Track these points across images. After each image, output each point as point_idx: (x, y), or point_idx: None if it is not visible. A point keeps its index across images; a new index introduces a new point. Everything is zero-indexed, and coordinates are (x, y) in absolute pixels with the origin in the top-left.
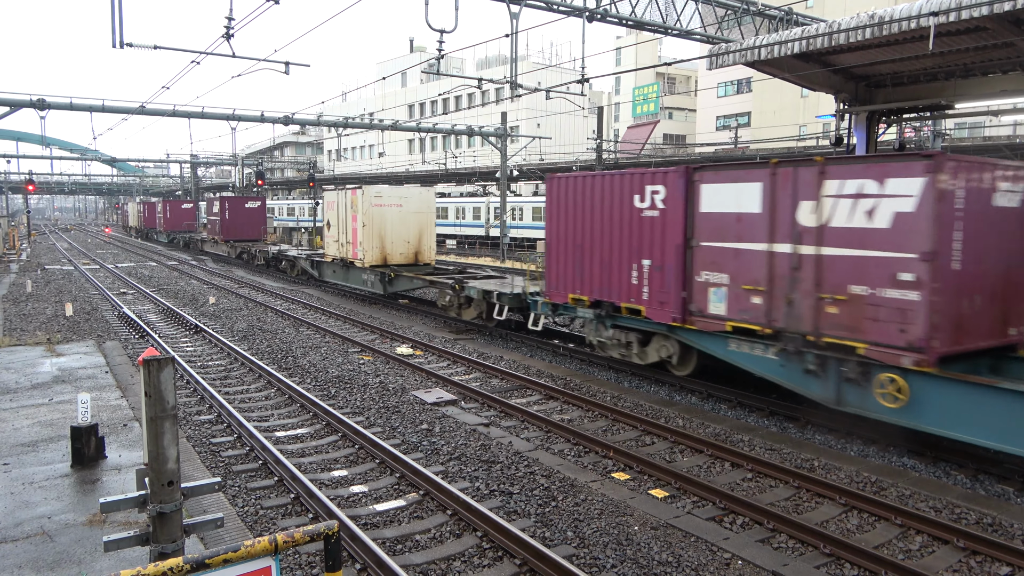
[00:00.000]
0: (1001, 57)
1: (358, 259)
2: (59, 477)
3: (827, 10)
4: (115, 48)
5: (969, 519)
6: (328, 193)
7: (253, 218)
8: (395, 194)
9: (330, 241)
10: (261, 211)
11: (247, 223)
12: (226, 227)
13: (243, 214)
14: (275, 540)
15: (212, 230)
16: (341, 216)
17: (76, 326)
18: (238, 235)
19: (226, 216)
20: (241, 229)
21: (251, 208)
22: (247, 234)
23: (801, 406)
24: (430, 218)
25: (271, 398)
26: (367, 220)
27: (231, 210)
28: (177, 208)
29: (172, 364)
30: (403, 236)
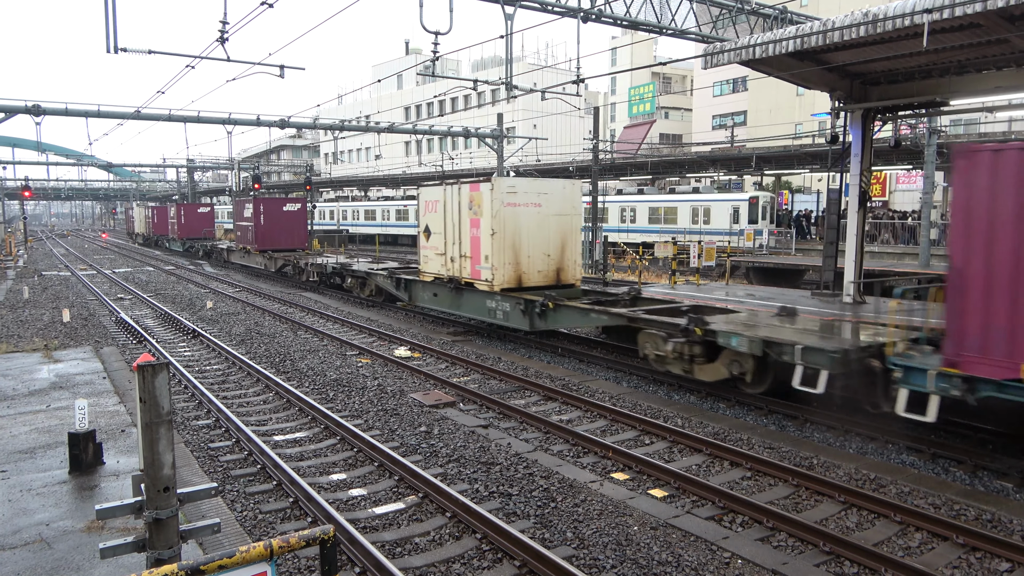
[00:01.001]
0: (995, 53)
1: (481, 280)
2: (57, 484)
3: (821, 8)
4: (109, 53)
5: (968, 515)
6: (427, 189)
7: (293, 223)
8: (531, 189)
9: (430, 254)
10: (302, 215)
11: (286, 229)
12: (261, 235)
13: (281, 219)
14: (271, 545)
15: (243, 238)
16: (450, 220)
17: (73, 332)
18: (276, 244)
19: (261, 222)
20: (279, 236)
21: (290, 212)
22: (286, 242)
23: (800, 405)
24: (576, 223)
25: (269, 402)
26: (497, 226)
27: (267, 214)
28: (193, 212)
29: (167, 369)
30: (542, 247)
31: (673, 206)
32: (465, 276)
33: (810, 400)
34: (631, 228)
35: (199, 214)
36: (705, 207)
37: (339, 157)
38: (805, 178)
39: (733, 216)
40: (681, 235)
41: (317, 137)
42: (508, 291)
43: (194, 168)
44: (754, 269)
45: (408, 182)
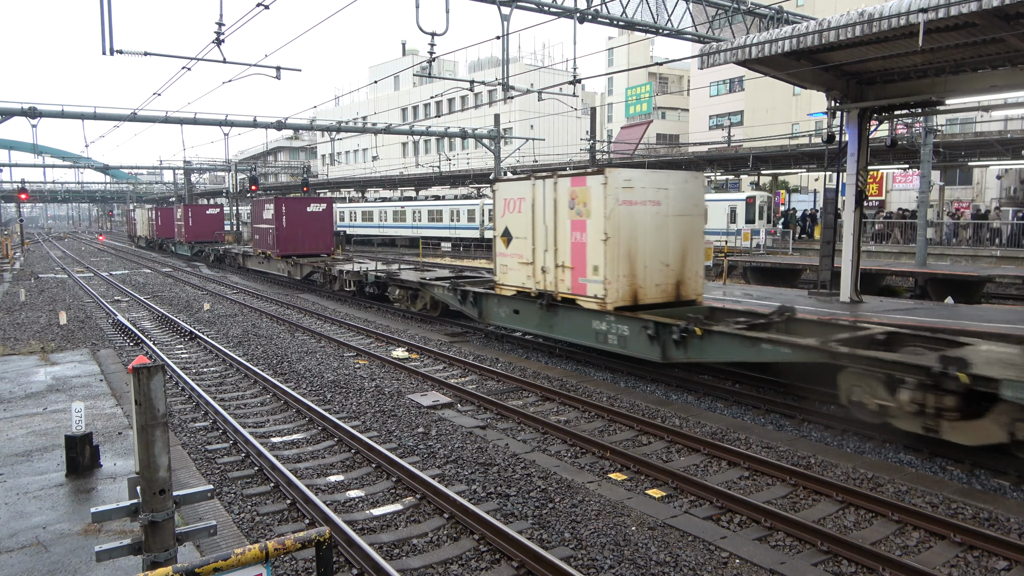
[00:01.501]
0: (991, 53)
1: (587, 296)
2: (54, 487)
3: (817, 8)
4: (105, 55)
5: (966, 514)
6: (507, 184)
7: (319, 226)
8: (649, 184)
9: (511, 263)
10: (328, 217)
11: (311, 232)
12: (284, 238)
13: (305, 221)
14: (266, 548)
15: (262, 242)
16: (541, 221)
17: (70, 334)
18: (300, 248)
19: (283, 224)
20: (303, 240)
21: (315, 213)
22: (311, 247)
23: (798, 403)
24: (699, 225)
25: (267, 404)
26: (611, 229)
27: (289, 216)
28: (202, 214)
29: (162, 371)
30: (660, 255)
31: None
32: (563, 291)
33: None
34: None
35: (208, 216)
36: None
37: (336, 158)
38: (802, 178)
39: (730, 216)
40: None
41: (314, 138)
42: (622, 310)
43: (191, 170)
44: (751, 269)
45: (405, 183)
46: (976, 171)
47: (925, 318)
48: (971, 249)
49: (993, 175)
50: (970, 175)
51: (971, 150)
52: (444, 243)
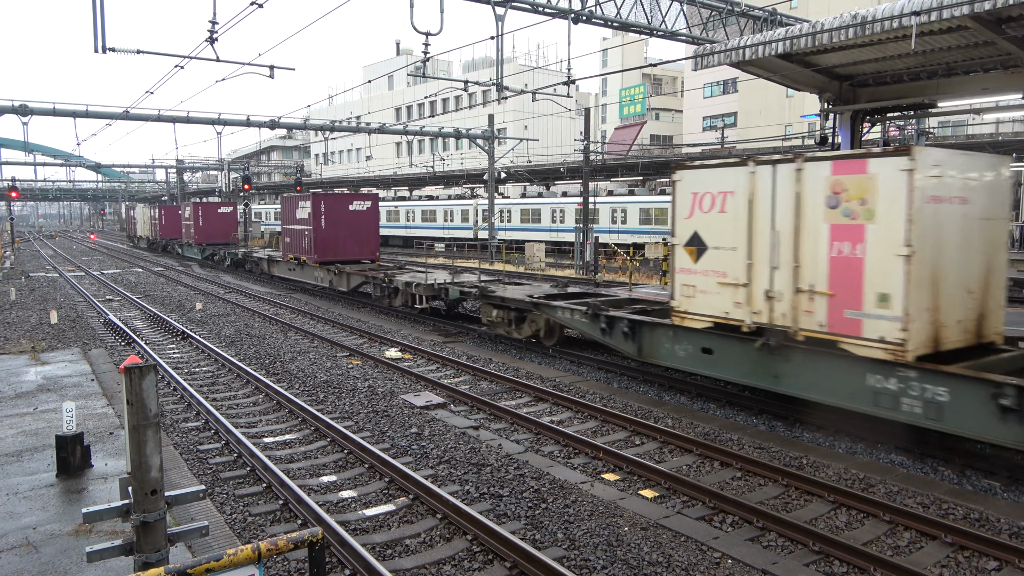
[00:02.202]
0: (983, 56)
1: (865, 339)
2: (44, 487)
3: (811, 10)
4: (98, 53)
5: (957, 515)
6: (697, 173)
7: (363, 227)
8: (956, 170)
9: (704, 283)
10: (373, 216)
11: (355, 235)
12: (323, 241)
13: (349, 220)
14: (258, 548)
15: (295, 246)
16: (765, 223)
17: (61, 334)
18: (342, 253)
19: (322, 224)
20: (346, 244)
21: (359, 212)
22: (355, 252)
23: (790, 404)
24: (1003, 233)
25: (259, 404)
26: (917, 239)
27: (330, 215)
28: (213, 213)
29: (154, 371)
30: (964, 278)
31: (664, 207)
32: (809, 327)
33: (800, 400)
34: (622, 229)
35: (221, 215)
36: None
37: (330, 158)
38: None
39: None
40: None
41: (307, 138)
42: (925, 360)
43: (183, 169)
44: None
45: (399, 183)
46: None
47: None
48: None
49: None
50: None
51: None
52: (438, 243)
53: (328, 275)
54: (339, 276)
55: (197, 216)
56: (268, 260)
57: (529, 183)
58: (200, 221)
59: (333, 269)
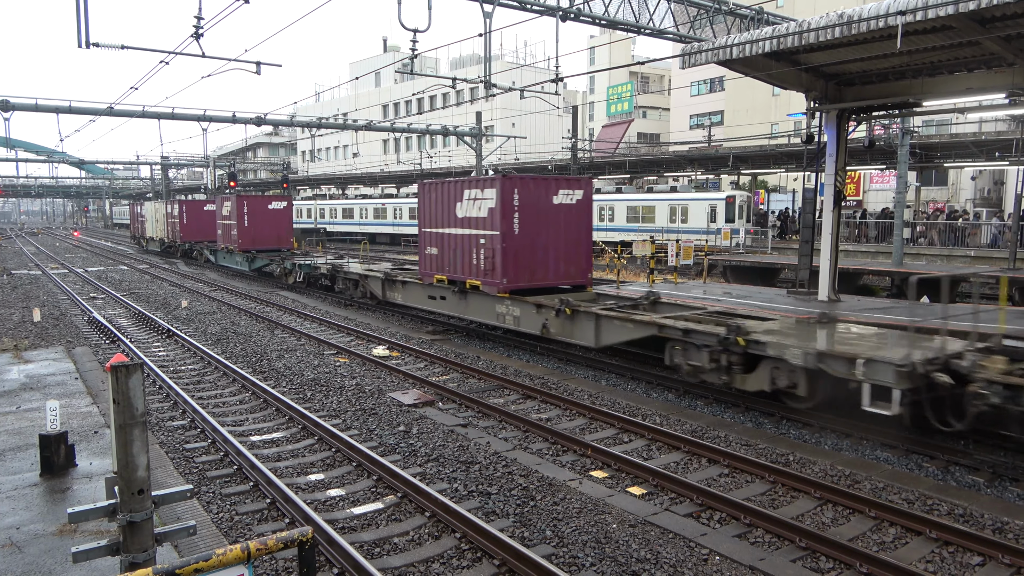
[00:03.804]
0: (967, 55)
1: None
2: (28, 487)
3: (797, 10)
4: (81, 48)
5: (941, 510)
6: None
7: (573, 228)
8: None
9: None
10: (586, 212)
11: (557, 240)
12: (513, 256)
13: (551, 217)
14: (248, 548)
15: (449, 262)
16: None
17: (44, 332)
18: (540, 276)
19: (514, 229)
20: (544, 257)
21: (565, 205)
22: (560, 273)
23: (777, 402)
24: None
25: (246, 402)
26: None
27: (526, 211)
28: (262, 210)
29: (141, 370)
30: None
31: (651, 205)
32: None
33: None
34: (609, 227)
35: (272, 212)
36: (683, 206)
37: (316, 155)
38: (781, 177)
39: (710, 215)
40: (659, 234)
41: (294, 135)
42: None
43: (168, 165)
44: (731, 268)
45: (386, 180)
46: (951, 172)
47: (901, 316)
48: (946, 249)
49: (968, 176)
50: (945, 176)
51: (946, 151)
52: None
53: (531, 312)
54: (537, 312)
55: (241, 213)
56: (385, 280)
57: None
58: (246, 220)
59: (532, 303)
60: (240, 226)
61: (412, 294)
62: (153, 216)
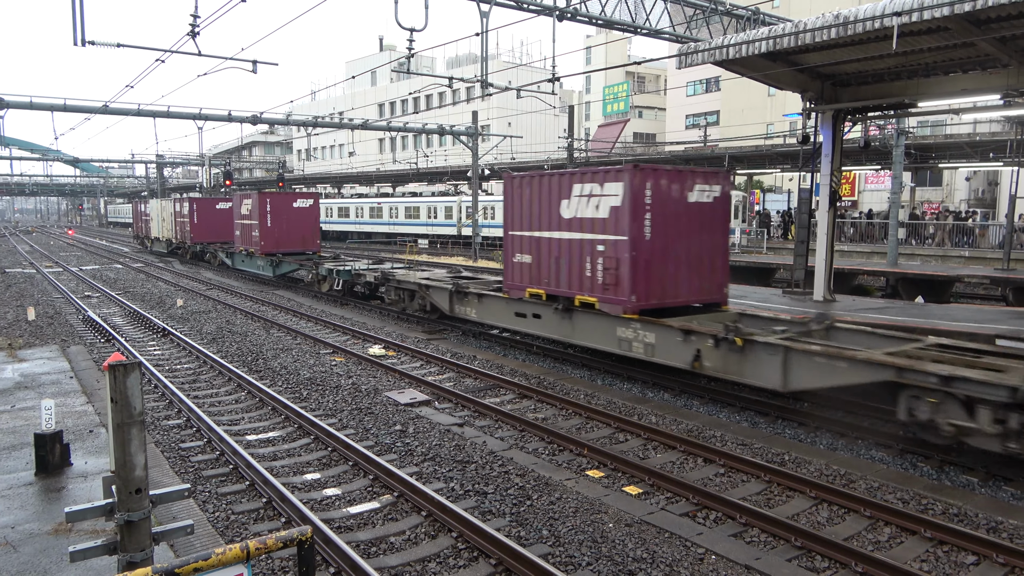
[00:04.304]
0: (962, 57)
1: None
2: (23, 486)
3: (792, 10)
4: (77, 46)
5: (936, 510)
6: None
7: (708, 237)
8: None
9: None
10: (722, 209)
11: (697, 247)
12: (644, 267)
13: (688, 219)
14: (247, 547)
15: (547, 274)
16: None
17: (39, 330)
18: (672, 295)
19: (645, 233)
20: (680, 266)
21: (699, 204)
22: (693, 288)
23: (772, 401)
24: None
25: (241, 401)
26: None
27: (660, 208)
28: (287, 208)
29: (139, 369)
30: None
31: None
32: None
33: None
34: None
35: (297, 211)
36: None
37: (312, 154)
38: (776, 178)
39: None
40: None
41: (290, 133)
42: None
43: (164, 164)
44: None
45: (382, 179)
46: (946, 173)
47: (898, 317)
48: (940, 249)
49: (962, 177)
50: (940, 176)
51: (941, 152)
52: (421, 240)
53: (664, 338)
54: (708, 346)
55: (264, 212)
56: (454, 292)
57: None
58: (268, 220)
59: (678, 326)
60: (262, 226)
61: (491, 310)
62: (159, 215)
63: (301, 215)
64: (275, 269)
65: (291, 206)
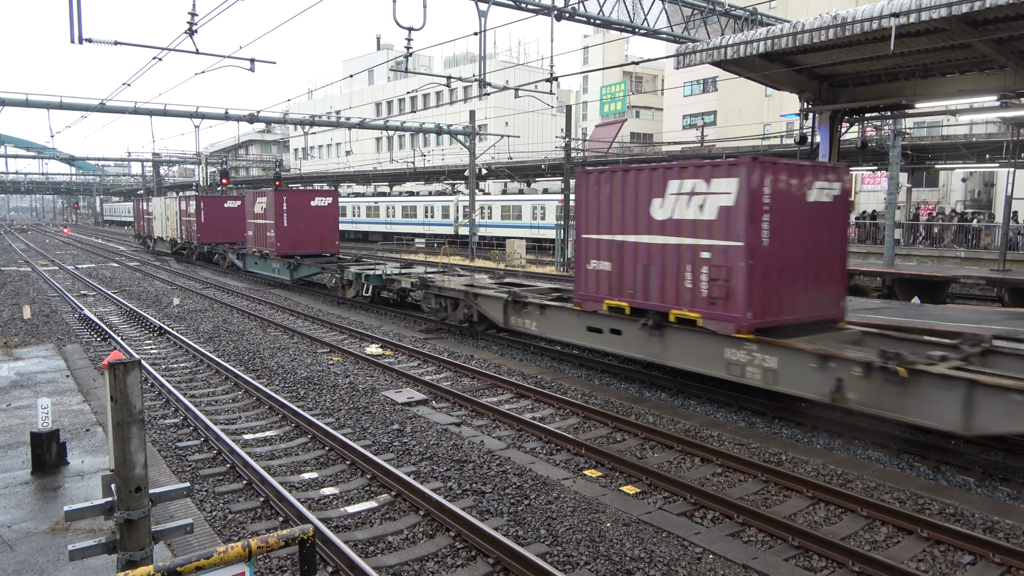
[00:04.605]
0: (959, 58)
1: None
2: (19, 485)
3: (789, 11)
4: (74, 43)
5: (932, 509)
6: None
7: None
8: None
9: None
10: (842, 212)
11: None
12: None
13: (806, 220)
14: (249, 546)
15: (613, 281)
16: None
17: (35, 329)
18: (790, 309)
19: (763, 240)
20: (795, 288)
21: (818, 203)
22: (808, 307)
23: (770, 401)
24: None
25: (238, 400)
26: None
27: (779, 215)
28: (304, 207)
29: (139, 367)
30: None
31: None
32: None
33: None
34: None
35: (315, 210)
36: None
37: (309, 153)
38: None
39: None
40: None
41: (287, 132)
42: None
43: (160, 162)
44: None
45: (379, 178)
46: (942, 173)
47: (894, 317)
48: (936, 250)
49: (958, 178)
50: (936, 177)
51: (938, 153)
52: (418, 239)
53: (791, 364)
54: (854, 375)
55: (280, 212)
56: (510, 302)
57: (510, 180)
58: (285, 220)
59: (812, 350)
60: (278, 227)
61: (557, 323)
62: (163, 213)
63: (319, 214)
64: (293, 272)
65: (309, 205)
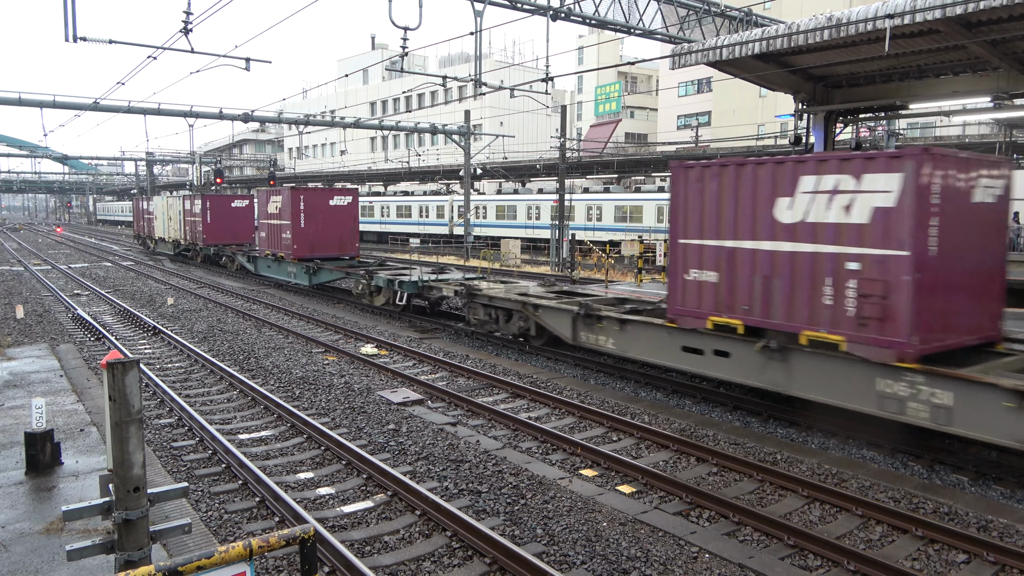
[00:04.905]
0: (953, 59)
1: None
2: (13, 485)
3: (784, 11)
4: (68, 42)
5: (927, 508)
6: None
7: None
8: None
9: None
10: (1003, 214)
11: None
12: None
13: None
14: (250, 545)
15: (721, 294)
16: None
17: (28, 329)
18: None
19: (925, 250)
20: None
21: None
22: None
23: (763, 401)
24: None
25: (233, 400)
26: None
27: (948, 222)
28: (322, 206)
29: (137, 367)
30: None
31: (639, 205)
32: None
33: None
34: (598, 226)
35: (333, 210)
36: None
37: (304, 152)
38: None
39: None
40: (647, 233)
41: (281, 132)
42: None
43: (154, 161)
44: None
45: (374, 178)
46: None
47: None
48: None
49: None
50: None
51: None
52: (412, 239)
53: (973, 402)
54: None
55: (297, 212)
56: (581, 316)
57: (505, 180)
58: (302, 220)
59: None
60: (295, 227)
61: (643, 341)
62: (165, 213)
63: (338, 214)
64: (312, 277)
65: (327, 204)
